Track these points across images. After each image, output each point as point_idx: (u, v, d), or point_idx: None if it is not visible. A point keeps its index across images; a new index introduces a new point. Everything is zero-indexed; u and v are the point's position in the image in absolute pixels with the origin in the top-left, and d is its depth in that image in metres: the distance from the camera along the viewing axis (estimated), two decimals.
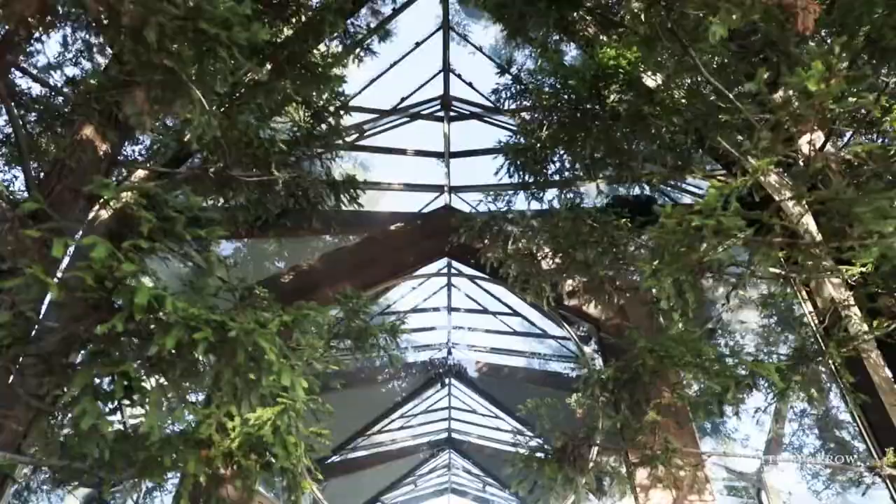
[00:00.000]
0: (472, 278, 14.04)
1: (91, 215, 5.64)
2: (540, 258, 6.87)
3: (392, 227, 9.88)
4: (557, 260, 6.77)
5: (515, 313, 15.30)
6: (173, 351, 3.19)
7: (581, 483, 4.72)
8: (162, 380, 3.17)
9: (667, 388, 4.49)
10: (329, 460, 17.48)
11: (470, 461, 21.95)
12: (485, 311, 15.74)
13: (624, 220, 6.37)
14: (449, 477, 23.90)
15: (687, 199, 9.58)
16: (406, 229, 9.88)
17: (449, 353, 17.16)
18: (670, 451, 4.57)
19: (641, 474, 8.00)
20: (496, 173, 7.65)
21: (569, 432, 4.83)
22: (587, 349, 10.54)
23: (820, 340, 5.26)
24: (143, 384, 3.20)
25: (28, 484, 14.15)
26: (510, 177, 7.79)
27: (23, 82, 7.08)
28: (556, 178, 7.92)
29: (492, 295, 15.00)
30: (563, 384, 14.40)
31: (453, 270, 12.75)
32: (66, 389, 3.23)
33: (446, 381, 18.05)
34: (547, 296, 6.62)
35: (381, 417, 18.38)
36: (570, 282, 9.20)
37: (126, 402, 3.34)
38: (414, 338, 17.49)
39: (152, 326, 3.19)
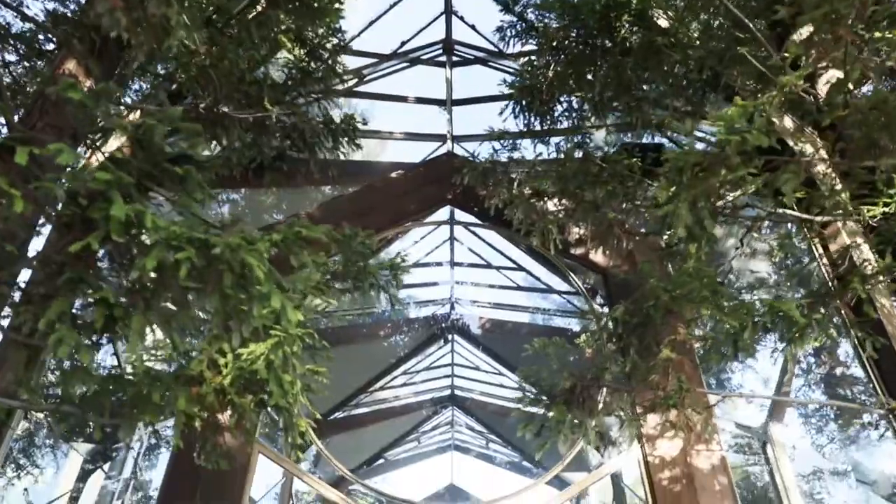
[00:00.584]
0: (474, 231, 13.86)
1: (82, 163, 5.37)
2: (546, 199, 6.60)
3: (393, 175, 9.61)
4: (564, 202, 6.51)
5: (520, 268, 15.08)
6: (156, 276, 2.96)
7: (590, 426, 4.54)
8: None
9: (682, 325, 4.26)
10: (331, 417, 17.52)
11: (473, 418, 22.01)
12: (488, 265, 15.53)
13: (634, 159, 6.08)
14: (452, 434, 24.03)
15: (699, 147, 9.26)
16: (407, 176, 9.61)
17: (452, 308, 17.00)
18: (684, 391, 4.36)
19: (649, 423, 7.88)
20: (500, 113, 7.35)
21: (577, 374, 4.62)
22: (595, 305, 10.36)
23: (833, 286, 5.05)
24: (126, 316, 2.97)
25: (33, 440, 14.17)
26: (515, 118, 7.49)
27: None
28: (563, 121, 7.63)
29: (495, 249, 14.77)
30: (568, 340, 14.25)
31: (456, 222, 12.45)
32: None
33: (449, 337, 17.95)
34: (553, 238, 6.37)
35: (383, 374, 18.31)
36: (576, 230, 8.96)
37: (108, 334, 3.13)
38: (416, 293, 17.35)
39: (134, 251, 2.95)
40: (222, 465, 5.51)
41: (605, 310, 9.64)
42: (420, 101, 11.17)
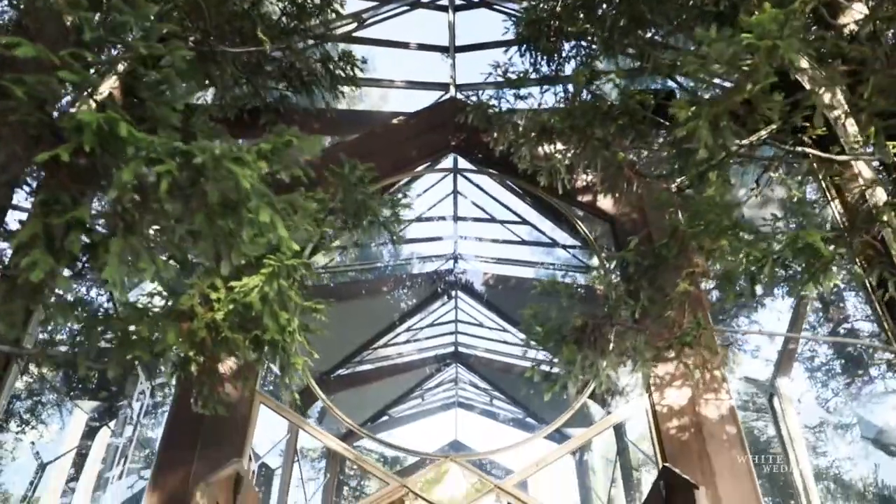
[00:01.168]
0: (478, 184, 13.58)
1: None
2: (553, 139, 6.31)
3: (394, 121, 9.30)
4: (572, 142, 6.22)
5: (524, 221, 14.81)
6: (136, 198, 2.73)
7: (602, 367, 4.36)
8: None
9: (699, 258, 4.03)
10: (335, 373, 17.50)
11: (476, 375, 22.02)
12: (492, 219, 15.26)
13: (648, 94, 5.78)
14: (456, 391, 24.10)
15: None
16: (409, 122, 9.30)
17: (455, 264, 16.82)
18: (701, 328, 4.15)
19: (657, 372, 7.73)
20: (506, 51, 7.02)
21: (588, 313, 4.41)
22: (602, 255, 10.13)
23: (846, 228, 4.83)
24: (104, 241, 2.75)
25: (39, 398, 14.14)
26: (521, 56, 7.16)
27: None
28: (571, 61, 7.31)
29: (499, 202, 14.50)
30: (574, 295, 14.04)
31: (460, 171, 12.16)
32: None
33: (452, 293, 17.82)
34: (561, 178, 6.11)
35: (386, 331, 18.23)
36: (583, 177, 8.70)
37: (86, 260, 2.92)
38: (419, 249, 17.16)
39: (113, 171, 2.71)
40: (220, 412, 5.36)
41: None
42: (422, 47, 10.77)
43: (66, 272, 3.17)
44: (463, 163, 10.94)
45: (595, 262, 12.17)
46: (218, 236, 2.82)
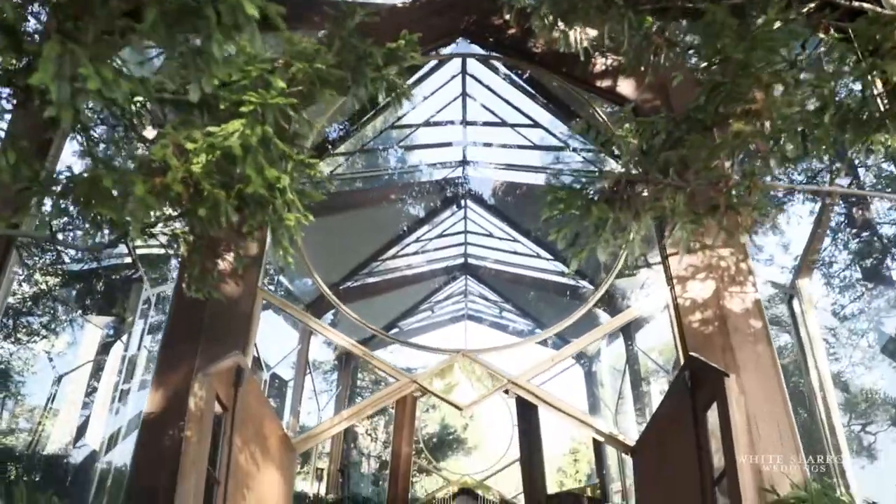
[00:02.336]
0: (488, 86, 12.87)
1: None
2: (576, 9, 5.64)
3: (397, 4, 8.57)
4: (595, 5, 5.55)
5: (536, 125, 14.11)
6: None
7: (635, 229, 3.90)
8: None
9: (758, 92, 3.48)
10: (343, 285, 17.26)
11: (486, 286, 21.80)
12: (503, 123, 14.55)
13: None
14: (465, 304, 23.94)
15: None
16: (413, 6, 8.56)
17: (464, 171, 16.23)
18: (754, 179, 3.61)
19: (680, 265, 7.33)
20: None
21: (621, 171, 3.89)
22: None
23: None
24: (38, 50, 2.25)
25: (52, 311, 13.99)
26: None
27: None
28: None
29: (511, 105, 13.76)
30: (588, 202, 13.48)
31: (469, 55, 11.39)
32: None
33: (462, 202, 17.32)
34: (583, 46, 5.48)
35: (394, 242, 17.87)
36: (602, 60, 8.04)
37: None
38: (427, 156, 16.56)
39: None
40: (214, 296, 5.03)
41: None
42: None
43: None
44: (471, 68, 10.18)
45: (610, 166, 11.61)
46: (184, 53, 2.31)
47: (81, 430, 12.97)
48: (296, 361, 17.43)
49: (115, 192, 2.97)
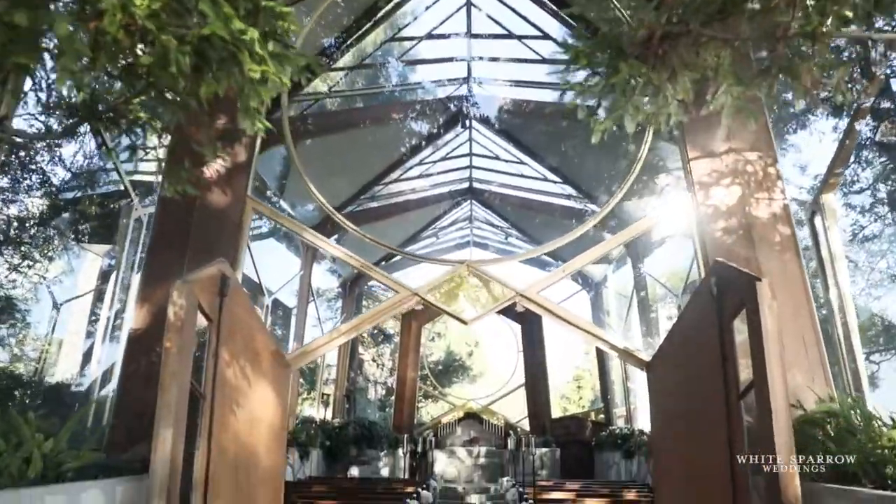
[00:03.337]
0: None
1: None
2: None
3: None
4: None
5: (545, 36, 13.26)
6: None
7: (671, 92, 3.33)
8: None
9: None
10: (344, 210, 16.73)
11: (492, 212, 21.27)
12: (509, 34, 13.70)
13: None
14: (470, 229, 23.45)
15: None
16: None
17: (469, 87, 15.43)
18: (821, 25, 2.96)
19: (702, 170, 6.77)
20: None
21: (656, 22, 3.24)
22: None
23: None
24: None
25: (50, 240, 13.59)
26: None
27: None
28: None
29: (518, 14, 12.89)
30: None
31: None
32: None
33: (466, 122, 16.57)
34: None
35: (397, 164, 17.24)
36: None
37: None
38: (429, 72, 15.73)
39: None
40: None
41: None
42: None
43: None
44: None
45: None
46: None
47: (87, 359, 12.80)
48: (298, 288, 17.17)
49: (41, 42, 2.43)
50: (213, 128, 4.51)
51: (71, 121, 3.59)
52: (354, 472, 17.42)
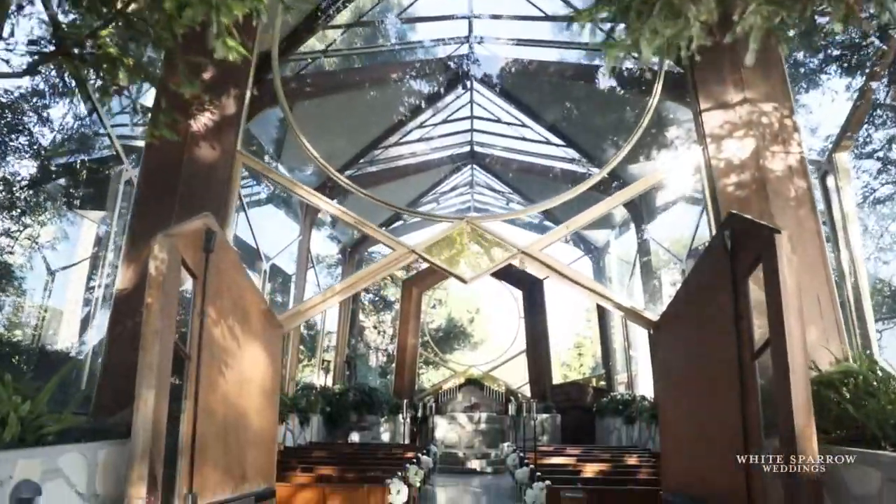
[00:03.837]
0: None
1: None
2: None
3: None
4: None
5: None
6: None
7: (692, 13, 3.00)
8: None
9: None
10: (343, 174, 16.38)
11: (493, 176, 20.91)
12: None
13: None
14: (471, 195, 23.11)
15: None
16: None
17: (471, 45, 14.96)
18: None
19: (715, 121, 6.44)
20: None
21: None
22: None
23: None
24: None
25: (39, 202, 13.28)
26: None
27: None
28: None
29: None
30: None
31: None
32: None
33: (467, 84, 16.13)
34: None
35: (396, 127, 16.84)
36: None
37: None
38: (428, 30, 15.25)
39: None
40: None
41: None
42: None
43: None
44: None
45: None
46: None
47: (84, 326, 12.60)
48: (297, 253, 16.94)
49: None
50: (193, 64, 4.19)
51: (35, 57, 3.28)
52: (355, 437, 17.40)
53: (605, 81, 11.90)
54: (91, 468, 4.18)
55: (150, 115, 4.29)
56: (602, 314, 20.51)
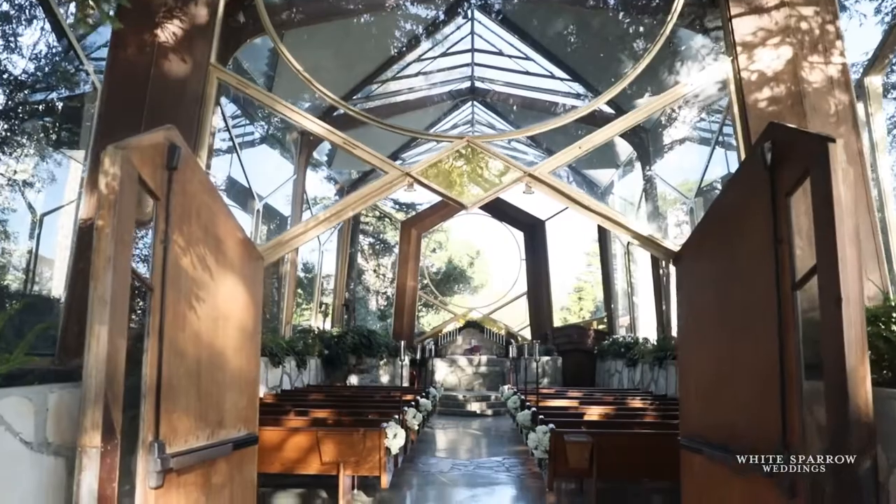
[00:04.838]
0: None
1: None
2: None
3: None
4: None
5: None
6: None
7: None
8: None
9: None
10: (337, 111, 15.59)
11: (495, 113, 20.10)
12: None
13: None
14: (472, 134, 22.32)
15: None
16: None
17: None
18: None
19: (746, 28, 5.73)
20: None
21: None
22: None
23: None
24: None
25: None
26: None
27: None
28: None
29: None
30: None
31: None
32: None
33: (468, 12, 15.22)
34: None
35: (393, 60, 15.95)
36: None
37: None
38: None
39: None
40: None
41: None
42: None
43: None
44: None
45: None
46: None
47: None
48: (292, 194, 16.33)
49: None
50: None
51: None
52: (353, 380, 17.15)
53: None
54: (40, 414, 3.68)
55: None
56: (605, 256, 20.05)
